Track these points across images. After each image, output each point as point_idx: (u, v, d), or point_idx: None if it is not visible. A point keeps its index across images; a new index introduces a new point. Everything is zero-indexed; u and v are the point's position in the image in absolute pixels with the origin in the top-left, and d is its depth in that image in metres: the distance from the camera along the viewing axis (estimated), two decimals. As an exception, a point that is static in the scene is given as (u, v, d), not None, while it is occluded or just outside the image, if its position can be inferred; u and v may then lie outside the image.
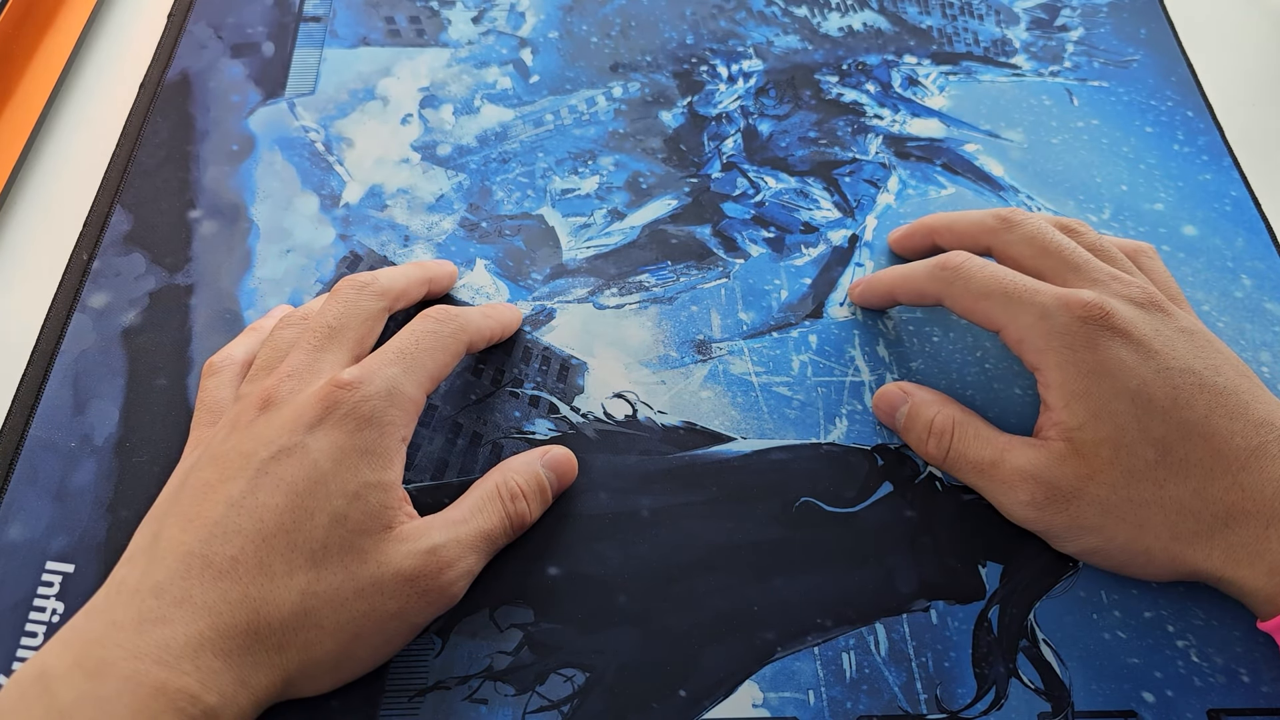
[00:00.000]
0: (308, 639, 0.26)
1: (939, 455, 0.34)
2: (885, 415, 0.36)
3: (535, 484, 0.33)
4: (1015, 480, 0.31)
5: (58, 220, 0.42)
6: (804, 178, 0.44)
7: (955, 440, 0.33)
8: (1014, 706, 0.31)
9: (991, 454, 0.32)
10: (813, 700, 0.31)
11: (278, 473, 0.27)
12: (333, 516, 0.27)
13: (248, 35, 0.49)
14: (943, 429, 0.33)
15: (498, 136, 0.46)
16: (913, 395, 0.35)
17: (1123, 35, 0.50)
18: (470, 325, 0.34)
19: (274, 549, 0.26)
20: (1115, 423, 0.30)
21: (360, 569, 0.27)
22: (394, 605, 0.28)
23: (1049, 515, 0.31)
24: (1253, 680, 0.31)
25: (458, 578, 0.29)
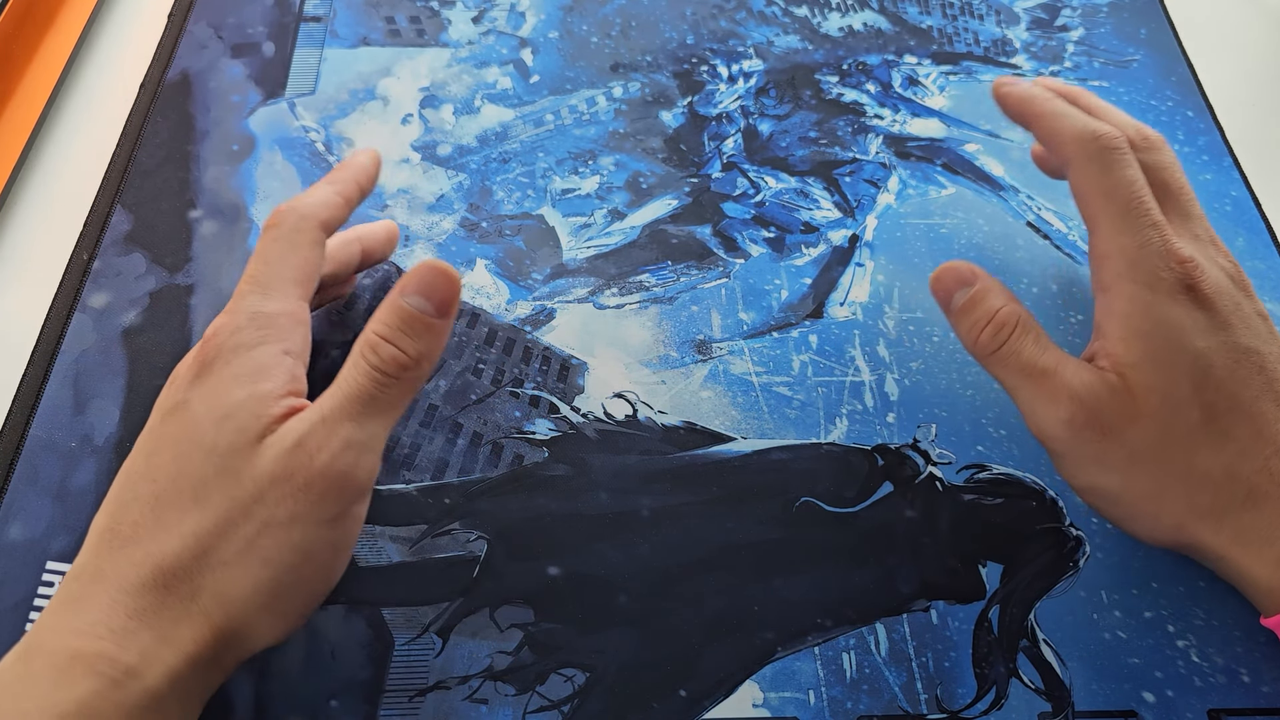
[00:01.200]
0: (216, 579, 0.25)
1: (989, 347, 0.31)
2: (944, 292, 0.33)
3: (397, 319, 0.28)
4: (1062, 396, 0.30)
5: (58, 220, 0.42)
6: (804, 178, 0.44)
7: (1014, 337, 0.31)
8: (1014, 706, 0.31)
9: (1046, 362, 0.30)
10: (813, 700, 0.31)
11: (164, 433, 0.28)
12: (205, 450, 0.26)
13: (248, 35, 0.49)
14: (1004, 321, 0.31)
15: (498, 136, 0.46)
16: (981, 279, 0.32)
17: (1123, 35, 0.50)
18: (306, 207, 0.31)
19: (166, 503, 0.26)
20: (1170, 375, 0.29)
21: (238, 490, 0.26)
22: (283, 513, 0.26)
23: (1080, 441, 0.30)
24: (1253, 680, 0.31)
25: (335, 456, 0.26)
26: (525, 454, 0.36)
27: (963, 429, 0.36)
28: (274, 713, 0.30)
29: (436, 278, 0.28)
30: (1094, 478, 0.30)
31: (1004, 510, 0.34)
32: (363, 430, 0.27)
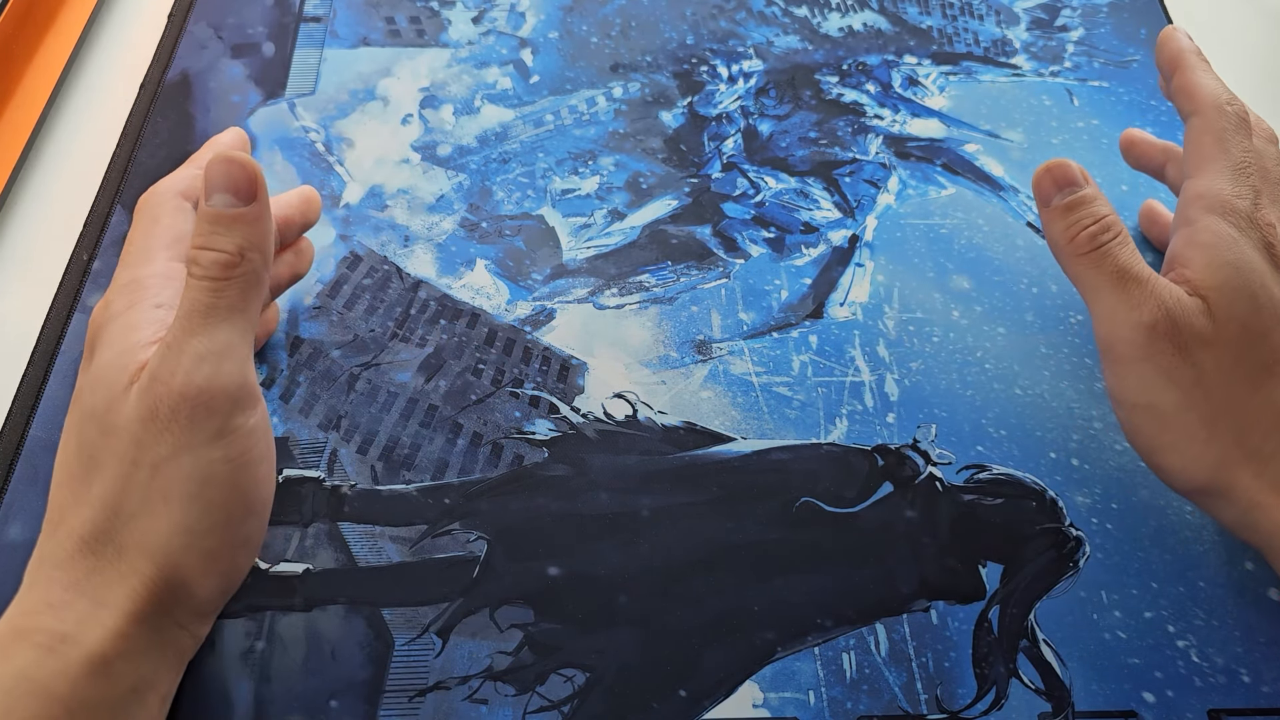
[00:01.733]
0: (132, 532, 0.26)
1: (1086, 246, 0.31)
2: (1048, 187, 0.32)
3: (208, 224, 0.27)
4: (1150, 302, 0.30)
5: (58, 220, 0.42)
6: (804, 178, 0.44)
7: (1116, 241, 0.31)
8: (1014, 706, 0.31)
9: (1141, 270, 0.30)
10: (813, 700, 0.31)
11: (67, 420, 0.28)
12: (88, 418, 0.27)
13: (248, 35, 0.49)
14: (1110, 225, 0.31)
15: (498, 137, 0.46)
16: (1092, 185, 0.32)
17: (1123, 35, 0.50)
18: (159, 184, 0.32)
19: (75, 479, 0.27)
20: (1252, 307, 0.29)
21: (119, 443, 0.26)
22: (165, 449, 0.26)
23: (1154, 351, 0.29)
24: (1253, 680, 0.31)
25: (189, 373, 0.26)
26: (525, 454, 0.36)
27: (962, 429, 0.36)
28: (274, 713, 0.30)
29: (230, 168, 0.27)
30: (1153, 394, 0.30)
31: (1004, 510, 0.34)
32: (211, 340, 0.26)
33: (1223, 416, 0.29)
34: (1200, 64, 0.35)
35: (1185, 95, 0.34)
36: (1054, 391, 0.37)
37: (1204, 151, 0.33)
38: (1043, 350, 0.39)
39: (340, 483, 0.35)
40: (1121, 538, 0.34)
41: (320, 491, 0.35)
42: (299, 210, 0.36)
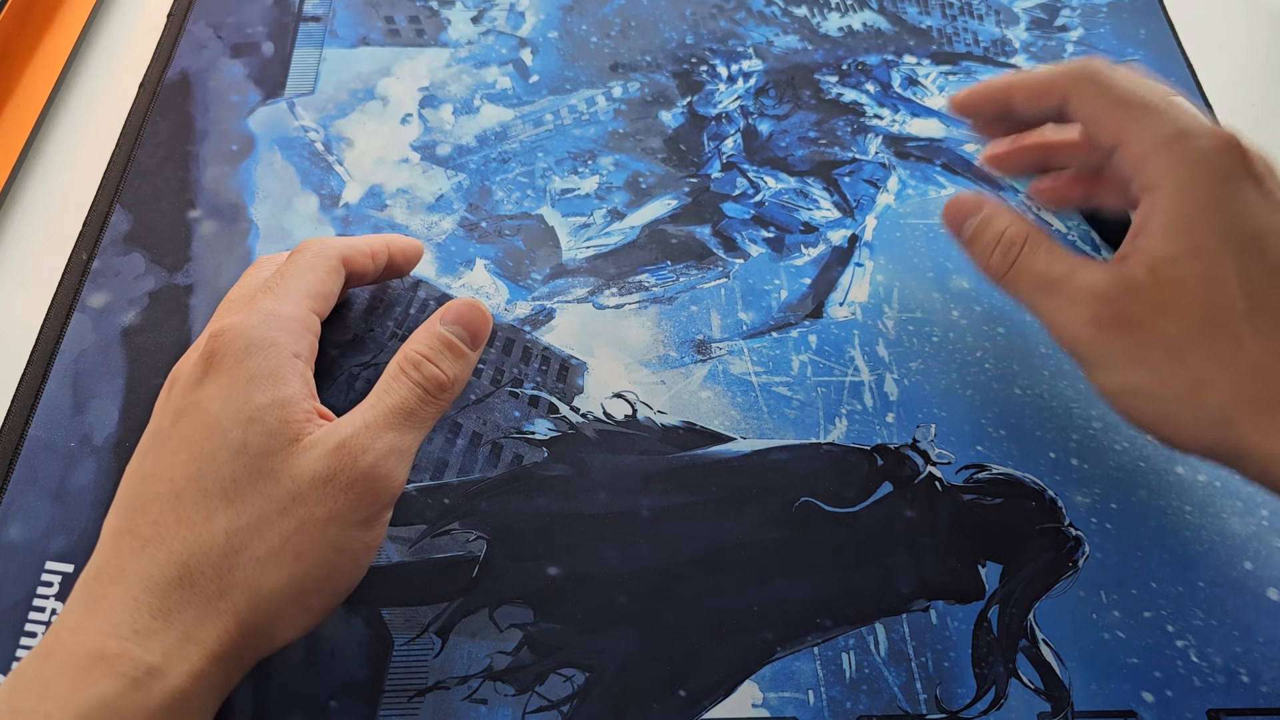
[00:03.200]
0: (247, 575, 0.26)
1: (1001, 268, 0.32)
2: (954, 221, 0.34)
3: (439, 343, 0.30)
4: (1083, 296, 0.29)
5: (58, 220, 0.42)
6: (804, 178, 0.44)
7: (1025, 252, 0.31)
8: (1014, 706, 0.31)
9: (1060, 270, 0.30)
10: (812, 700, 0.31)
11: (177, 434, 0.28)
12: (233, 450, 0.27)
13: (247, 35, 0.49)
14: (1013, 240, 0.31)
15: (497, 136, 0.46)
16: (988, 204, 0.33)
17: (1122, 35, 0.50)
18: (331, 240, 0.34)
19: (187, 502, 0.26)
20: (1213, 260, 0.28)
21: (275, 489, 0.26)
22: (322, 511, 0.27)
23: (1109, 338, 0.29)
24: (1252, 680, 0.31)
25: (379, 460, 0.28)
26: (525, 454, 0.36)
27: (962, 429, 0.36)
28: (274, 713, 0.30)
29: (473, 312, 0.31)
30: (1127, 376, 0.29)
31: (1003, 510, 0.34)
32: (403, 439, 0.29)
33: (1210, 375, 0.28)
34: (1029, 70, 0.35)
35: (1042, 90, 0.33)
36: (1053, 391, 0.37)
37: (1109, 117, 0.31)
38: (1042, 350, 0.39)
39: (340, 483, 0.35)
40: (1121, 538, 0.34)
41: (320, 491, 0.35)
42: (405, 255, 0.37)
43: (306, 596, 0.27)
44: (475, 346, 0.31)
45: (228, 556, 0.26)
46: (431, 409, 0.30)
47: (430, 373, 0.30)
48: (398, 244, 0.37)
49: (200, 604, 0.25)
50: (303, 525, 0.26)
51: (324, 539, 0.27)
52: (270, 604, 0.26)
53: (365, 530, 0.28)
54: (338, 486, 0.27)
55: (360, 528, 0.27)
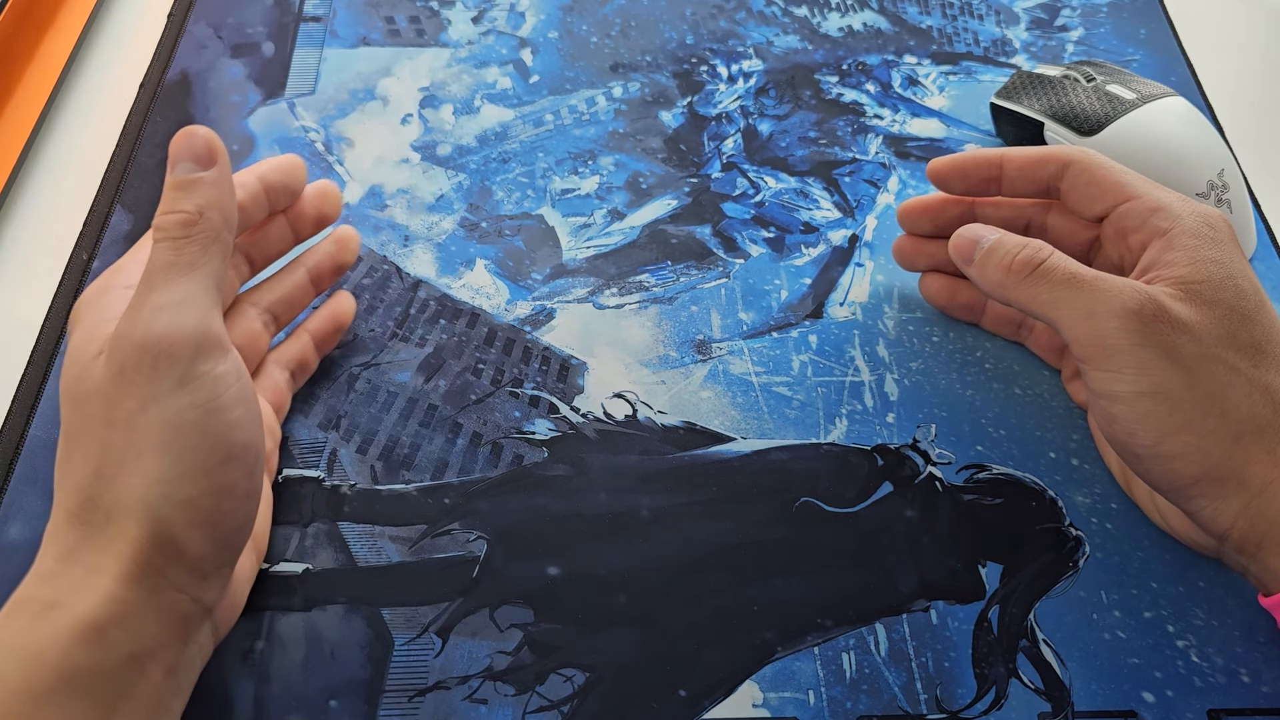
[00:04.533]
0: (116, 495, 0.26)
1: (1028, 266, 0.31)
2: (964, 246, 0.33)
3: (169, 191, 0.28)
4: (1128, 291, 0.29)
5: (58, 220, 0.42)
6: (804, 178, 0.44)
7: (1056, 256, 0.31)
8: (1014, 707, 0.31)
9: (1091, 272, 0.31)
10: (813, 700, 0.31)
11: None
12: (62, 396, 0.28)
13: (248, 35, 0.49)
14: (1040, 245, 0.32)
15: (498, 136, 0.46)
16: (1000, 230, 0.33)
17: (1122, 35, 0.50)
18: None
19: (63, 457, 0.27)
20: (1238, 289, 0.30)
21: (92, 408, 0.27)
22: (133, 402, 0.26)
23: (1148, 329, 0.29)
24: (1253, 680, 0.31)
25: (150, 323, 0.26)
26: (525, 454, 0.36)
27: (962, 429, 0.36)
28: (274, 713, 0.30)
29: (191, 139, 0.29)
30: (1157, 375, 0.29)
31: (1003, 510, 0.34)
32: (169, 292, 0.27)
33: (1228, 393, 0.29)
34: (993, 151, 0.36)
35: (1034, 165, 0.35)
36: (1054, 391, 0.37)
37: (1116, 178, 0.33)
38: (1042, 350, 0.39)
39: (340, 483, 0.35)
40: (1121, 538, 0.34)
41: (320, 491, 0.35)
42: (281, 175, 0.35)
43: (176, 487, 0.26)
44: (208, 164, 0.29)
45: (93, 485, 0.26)
46: (192, 249, 0.28)
47: (169, 220, 0.28)
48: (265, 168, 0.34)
49: (94, 537, 0.26)
50: (128, 425, 0.26)
51: (152, 425, 0.26)
52: (146, 510, 0.26)
53: (186, 393, 0.26)
54: (129, 371, 0.26)
55: (177, 393, 0.26)
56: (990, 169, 0.36)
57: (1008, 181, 0.36)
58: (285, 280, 0.36)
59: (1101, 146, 0.40)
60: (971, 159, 0.36)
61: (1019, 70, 0.45)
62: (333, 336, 0.37)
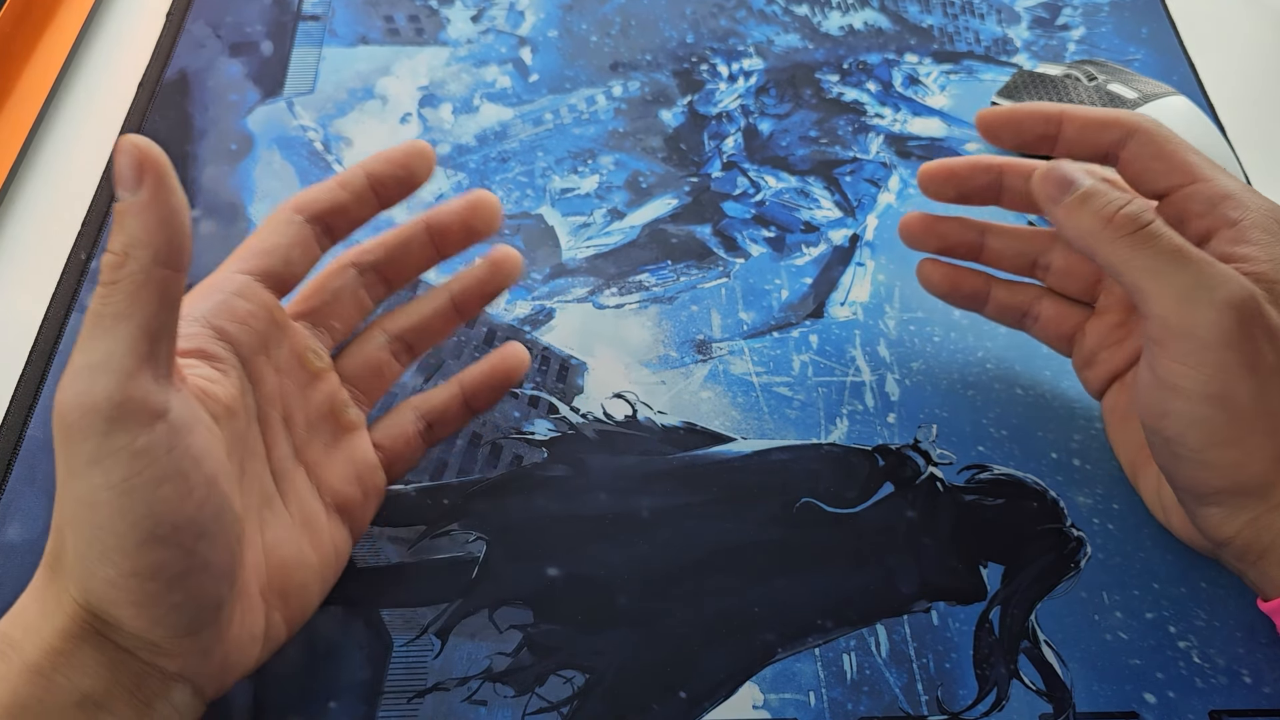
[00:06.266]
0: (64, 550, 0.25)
1: (1131, 226, 0.28)
2: (1054, 185, 0.30)
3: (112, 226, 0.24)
4: (1234, 281, 0.27)
5: (57, 220, 0.42)
6: (804, 177, 0.44)
7: (1160, 221, 0.28)
8: (1015, 708, 0.30)
9: (1198, 249, 0.28)
10: (813, 701, 0.31)
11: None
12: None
13: (246, 34, 0.49)
14: (1146, 205, 0.29)
15: (497, 135, 0.45)
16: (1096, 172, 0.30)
17: (1124, 34, 0.50)
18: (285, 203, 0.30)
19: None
20: None
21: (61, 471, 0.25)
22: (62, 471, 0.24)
23: (1242, 331, 0.27)
24: (1255, 681, 0.31)
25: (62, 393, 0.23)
26: (524, 454, 0.36)
27: (963, 429, 0.36)
28: (273, 713, 0.30)
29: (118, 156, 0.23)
30: (1231, 382, 0.27)
31: (1005, 511, 0.34)
32: (88, 352, 0.23)
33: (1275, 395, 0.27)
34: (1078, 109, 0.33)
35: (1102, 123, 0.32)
36: (1055, 391, 0.37)
37: (1184, 156, 0.31)
38: (1044, 350, 0.39)
39: (339, 483, 0.35)
40: (1123, 538, 0.34)
41: (319, 492, 0.35)
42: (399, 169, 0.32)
43: (97, 566, 0.24)
44: (134, 186, 0.23)
45: (56, 536, 0.25)
46: (116, 298, 0.23)
47: (103, 262, 0.24)
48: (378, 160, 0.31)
49: (53, 584, 0.25)
50: (60, 493, 0.24)
51: (72, 500, 0.24)
52: (75, 580, 0.25)
53: (96, 473, 0.23)
54: (57, 441, 0.24)
55: (90, 471, 0.23)
56: (1048, 125, 0.33)
57: (1064, 142, 0.33)
58: (424, 304, 0.33)
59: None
60: (1028, 110, 0.33)
61: (1020, 69, 0.45)
62: (489, 395, 0.33)
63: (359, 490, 0.31)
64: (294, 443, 0.30)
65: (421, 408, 0.33)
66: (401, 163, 0.31)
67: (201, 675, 0.26)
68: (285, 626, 0.29)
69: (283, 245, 0.30)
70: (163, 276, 0.24)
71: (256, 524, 0.28)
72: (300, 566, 0.29)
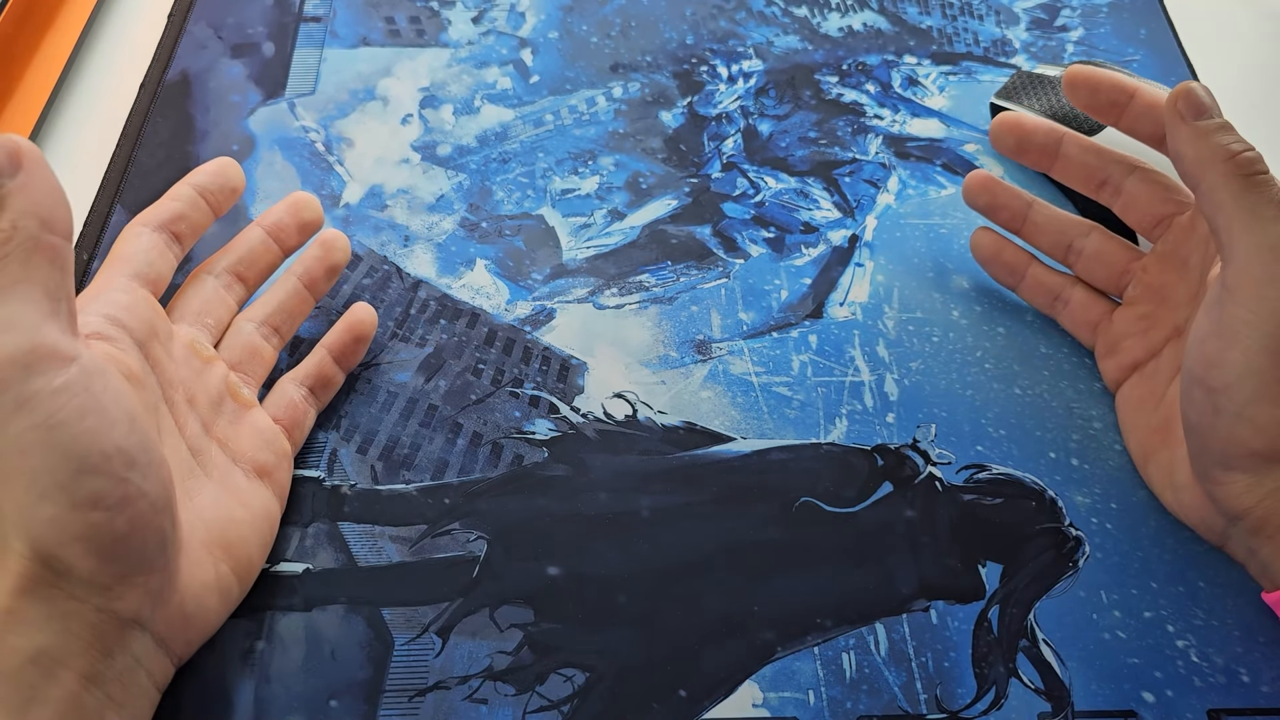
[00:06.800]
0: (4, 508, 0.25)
1: (1250, 169, 0.29)
2: (1190, 104, 0.30)
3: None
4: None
5: (58, 220, 0.42)
6: (804, 178, 0.44)
7: (1271, 174, 0.29)
8: (1014, 706, 0.31)
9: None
10: (813, 700, 0.31)
11: None
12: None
13: (248, 35, 0.49)
14: (1260, 155, 0.29)
15: (498, 136, 0.46)
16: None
17: (1123, 35, 0.50)
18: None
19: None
20: None
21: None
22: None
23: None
24: (1253, 680, 0.31)
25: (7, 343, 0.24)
26: (525, 454, 0.36)
27: (962, 429, 0.36)
28: (274, 713, 0.30)
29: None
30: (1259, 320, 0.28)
31: (1003, 510, 0.34)
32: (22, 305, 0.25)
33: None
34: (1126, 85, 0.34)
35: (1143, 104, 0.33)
36: (1054, 391, 0.37)
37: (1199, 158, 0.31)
38: (1042, 350, 0.39)
39: (340, 483, 0.35)
40: (1121, 538, 0.34)
41: (320, 491, 0.35)
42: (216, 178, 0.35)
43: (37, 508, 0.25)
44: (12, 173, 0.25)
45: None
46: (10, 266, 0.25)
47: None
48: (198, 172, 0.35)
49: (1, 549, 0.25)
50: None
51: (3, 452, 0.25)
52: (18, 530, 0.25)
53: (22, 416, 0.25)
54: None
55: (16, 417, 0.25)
56: (1122, 95, 0.34)
57: (1130, 116, 0.34)
58: (279, 291, 0.36)
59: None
60: (1107, 78, 0.34)
61: (1019, 70, 0.45)
62: (352, 348, 0.37)
63: (271, 455, 0.33)
64: (202, 421, 0.32)
65: (297, 376, 0.36)
66: (215, 171, 0.36)
67: (160, 624, 0.28)
68: (236, 579, 0.31)
69: (139, 251, 0.33)
70: (51, 243, 0.26)
71: (184, 491, 0.30)
72: (234, 522, 0.31)
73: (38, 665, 0.25)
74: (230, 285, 0.35)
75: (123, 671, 0.27)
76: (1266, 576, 0.30)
